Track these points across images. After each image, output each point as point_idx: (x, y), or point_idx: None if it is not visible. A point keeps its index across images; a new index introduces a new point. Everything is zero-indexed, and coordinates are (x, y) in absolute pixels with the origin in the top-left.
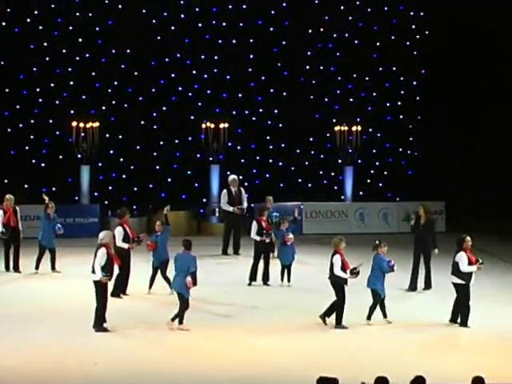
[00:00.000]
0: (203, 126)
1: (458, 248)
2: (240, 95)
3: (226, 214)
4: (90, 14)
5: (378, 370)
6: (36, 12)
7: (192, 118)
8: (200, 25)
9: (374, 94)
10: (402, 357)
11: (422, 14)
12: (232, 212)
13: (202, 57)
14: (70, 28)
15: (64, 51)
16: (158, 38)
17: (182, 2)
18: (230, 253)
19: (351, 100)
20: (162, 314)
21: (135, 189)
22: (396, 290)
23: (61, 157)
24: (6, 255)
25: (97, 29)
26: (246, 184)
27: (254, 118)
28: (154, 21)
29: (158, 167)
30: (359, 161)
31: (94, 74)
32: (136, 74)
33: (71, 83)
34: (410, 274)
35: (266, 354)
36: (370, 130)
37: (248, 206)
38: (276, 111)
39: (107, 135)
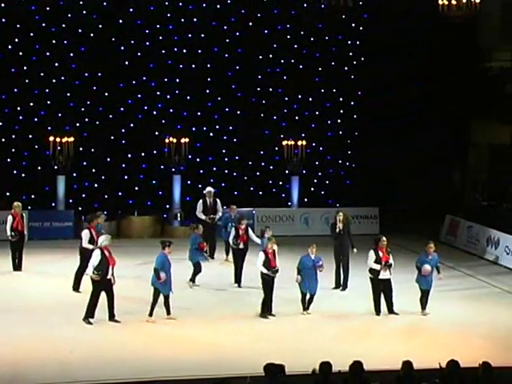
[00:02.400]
0: (166, 140)
1: (374, 246)
2: (199, 113)
3: (201, 223)
4: (65, 42)
5: (318, 356)
6: (16, 40)
7: (156, 133)
8: (163, 51)
9: (317, 113)
10: (337, 344)
11: (357, 42)
12: (205, 220)
13: (165, 79)
14: (47, 54)
15: (41, 74)
16: (126, 62)
17: (147, 31)
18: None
19: (297, 118)
20: (137, 307)
21: (106, 196)
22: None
23: (39, 168)
24: (13, 257)
25: (71, 55)
26: (203, 192)
27: (211, 134)
28: (121, 47)
29: (126, 177)
30: (304, 171)
31: (68, 94)
32: (106, 94)
33: (48, 102)
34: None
35: (217, 344)
36: (314, 144)
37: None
38: (231, 128)
39: (81, 149)
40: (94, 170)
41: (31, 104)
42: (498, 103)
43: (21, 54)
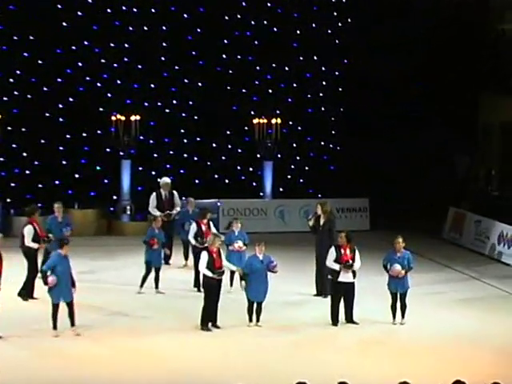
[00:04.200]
0: (113, 118)
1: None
2: (152, 86)
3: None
4: None
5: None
6: None
7: (101, 109)
8: (109, 10)
9: (295, 85)
10: (286, 363)
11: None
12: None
13: (112, 44)
14: None
15: None
16: (64, 24)
17: None
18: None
19: (270, 91)
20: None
21: (40, 185)
22: (298, 296)
23: None
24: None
25: None
26: (158, 181)
27: (167, 110)
28: (59, 5)
29: (64, 162)
30: (279, 155)
31: None
32: (40, 62)
33: None
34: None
35: (153, 356)
36: (291, 122)
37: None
38: (191, 103)
39: (9, 128)
40: (25, 154)
41: None
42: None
43: None
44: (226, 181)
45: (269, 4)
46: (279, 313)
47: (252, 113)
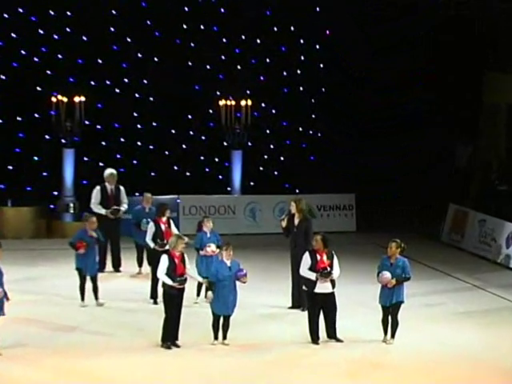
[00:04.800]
0: (53, 99)
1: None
2: (100, 61)
3: (99, 219)
4: None
5: None
6: None
7: (39, 89)
8: None
9: (268, 60)
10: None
11: None
12: (105, 215)
13: (52, 12)
14: None
15: None
16: None
17: None
18: (109, 269)
19: (239, 67)
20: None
21: None
22: (272, 308)
23: None
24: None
25: None
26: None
27: (117, 90)
28: None
29: None
30: (249, 143)
31: None
32: None
33: None
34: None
35: (101, 379)
36: (263, 104)
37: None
38: (145, 81)
39: None
40: None
41: None
42: None
43: None
44: (187, 173)
45: None
46: (250, 329)
47: (218, 93)
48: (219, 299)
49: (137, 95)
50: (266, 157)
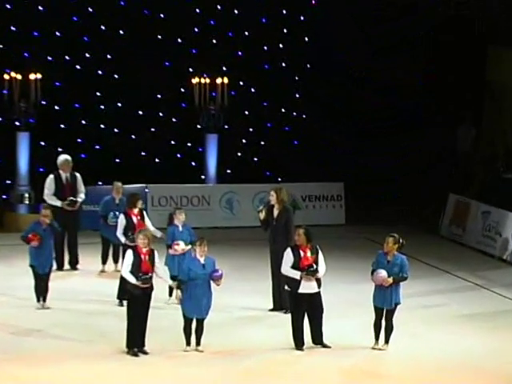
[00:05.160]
0: (5, 76)
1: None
2: (58, 33)
3: (54, 211)
4: None
5: None
6: None
7: None
8: None
9: (246, 34)
10: None
11: None
12: (61, 208)
13: None
14: None
15: None
16: None
17: None
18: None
19: (214, 42)
20: None
21: None
22: (251, 311)
23: None
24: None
25: None
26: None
27: (77, 67)
28: None
29: None
30: (226, 126)
31: None
32: None
33: None
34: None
35: None
36: (241, 83)
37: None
38: (109, 57)
39: None
40: None
41: None
42: None
43: None
44: (156, 160)
45: None
46: (226, 333)
47: (190, 70)
48: (191, 300)
49: (99, 72)
50: (244, 141)
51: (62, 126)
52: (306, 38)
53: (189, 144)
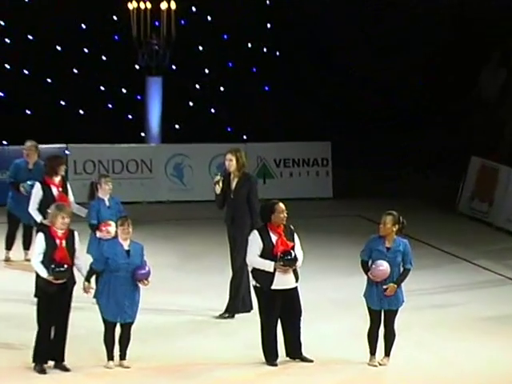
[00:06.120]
0: None
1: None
2: None
3: None
4: None
5: None
6: None
7: None
8: None
9: None
10: None
11: None
12: None
13: None
14: None
15: None
16: None
17: None
18: None
19: None
20: None
21: None
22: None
23: None
24: None
25: None
26: None
27: None
28: None
29: None
30: (173, 67)
31: None
32: None
33: None
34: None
35: None
36: (193, 8)
37: None
38: None
39: None
40: None
41: None
42: None
43: None
44: (81, 111)
45: None
46: (166, 344)
47: None
48: (111, 298)
49: None
50: (197, 86)
51: None
52: None
53: (123, 90)
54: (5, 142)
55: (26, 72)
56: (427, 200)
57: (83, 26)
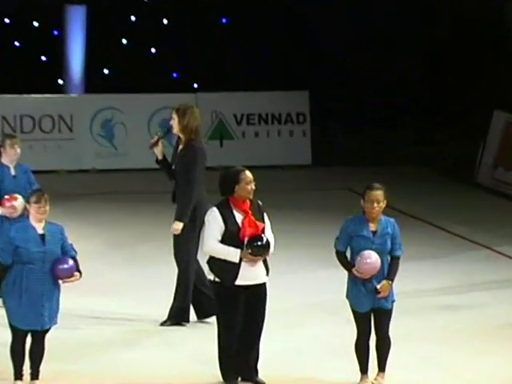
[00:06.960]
0: None
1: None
2: None
3: None
4: None
5: None
6: None
7: None
8: None
9: None
10: None
11: None
12: None
13: None
14: None
15: None
16: None
17: None
18: None
19: None
20: None
21: None
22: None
23: None
24: None
25: None
26: None
27: None
28: None
29: None
30: None
31: None
32: None
33: None
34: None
35: None
36: None
37: None
38: None
39: None
40: None
41: None
42: None
43: None
44: None
45: None
46: (95, 358)
47: None
48: (21, 299)
49: None
50: (133, 18)
51: None
52: None
53: (35, 23)
54: None
55: None
56: (434, 168)
57: None
